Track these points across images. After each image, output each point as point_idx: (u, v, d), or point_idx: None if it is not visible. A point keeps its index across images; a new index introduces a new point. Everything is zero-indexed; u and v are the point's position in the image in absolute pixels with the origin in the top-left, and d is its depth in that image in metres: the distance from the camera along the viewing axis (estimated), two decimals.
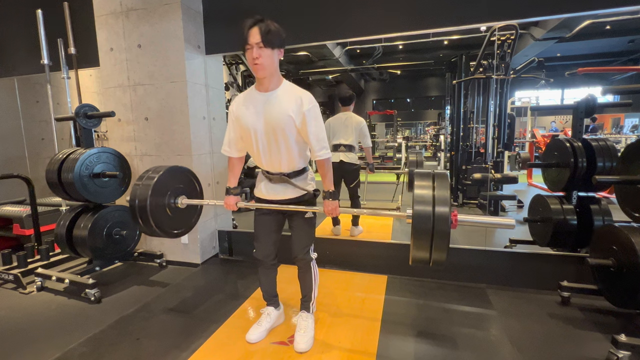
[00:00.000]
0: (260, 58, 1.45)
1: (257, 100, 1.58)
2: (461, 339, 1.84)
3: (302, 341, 1.75)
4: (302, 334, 1.78)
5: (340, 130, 3.39)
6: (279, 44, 1.51)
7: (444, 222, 1.32)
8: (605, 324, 1.93)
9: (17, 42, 3.63)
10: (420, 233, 1.35)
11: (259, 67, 1.47)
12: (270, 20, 1.48)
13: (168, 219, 1.91)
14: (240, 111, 1.61)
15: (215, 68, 3.08)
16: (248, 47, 1.46)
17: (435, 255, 1.37)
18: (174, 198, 1.94)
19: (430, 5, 2.34)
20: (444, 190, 1.37)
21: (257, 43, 1.43)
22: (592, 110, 2.48)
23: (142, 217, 1.81)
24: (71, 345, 1.83)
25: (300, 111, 1.53)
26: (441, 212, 1.33)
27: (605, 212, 2.39)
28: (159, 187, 1.85)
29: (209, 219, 3.04)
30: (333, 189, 1.65)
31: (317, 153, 1.60)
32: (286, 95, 1.55)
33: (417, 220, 1.35)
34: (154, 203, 1.82)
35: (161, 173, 1.87)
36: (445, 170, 1.51)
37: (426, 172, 1.47)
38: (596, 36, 9.19)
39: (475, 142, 4.88)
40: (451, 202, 1.37)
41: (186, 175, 2.06)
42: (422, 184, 1.42)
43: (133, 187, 1.85)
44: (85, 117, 2.57)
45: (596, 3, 2.06)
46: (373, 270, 2.69)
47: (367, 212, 1.73)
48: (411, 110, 18.18)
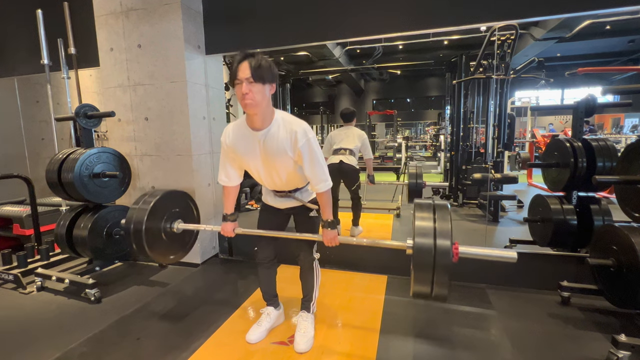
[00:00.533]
0: (250, 94, 1.36)
1: (251, 138, 1.53)
2: (461, 339, 1.84)
3: (302, 341, 1.75)
4: (302, 334, 1.78)
5: (342, 138, 3.42)
6: (270, 79, 1.43)
7: (445, 256, 1.29)
8: (605, 324, 1.93)
9: (17, 42, 3.63)
10: (421, 266, 1.33)
11: (249, 104, 1.39)
12: (262, 55, 1.42)
13: (163, 244, 1.88)
14: (236, 147, 1.58)
15: (215, 68, 3.08)
16: (237, 82, 1.38)
17: (437, 289, 1.34)
18: (170, 222, 1.92)
19: (430, 5, 2.34)
20: (445, 222, 1.35)
21: (246, 78, 1.36)
22: (592, 110, 2.48)
23: (137, 241, 1.77)
24: (71, 345, 1.83)
25: (295, 147, 1.50)
26: (442, 246, 1.30)
27: (605, 212, 2.39)
28: (156, 212, 1.82)
29: (209, 219, 3.04)
30: (332, 218, 1.64)
31: (315, 186, 1.59)
32: (280, 131, 1.49)
33: (417, 254, 1.33)
34: (150, 227, 1.79)
35: (158, 197, 1.84)
36: (446, 201, 1.49)
37: (427, 203, 1.46)
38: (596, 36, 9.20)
39: (475, 142, 4.88)
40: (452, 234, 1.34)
41: (184, 199, 2.04)
42: (422, 215, 1.40)
43: (129, 210, 1.82)
44: (85, 117, 2.57)
45: (596, 3, 2.06)
46: (373, 270, 2.69)
47: (367, 242, 1.68)
48: (411, 110, 18.18)
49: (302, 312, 1.89)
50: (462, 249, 1.39)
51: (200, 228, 1.97)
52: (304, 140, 1.48)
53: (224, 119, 3.28)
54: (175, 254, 1.99)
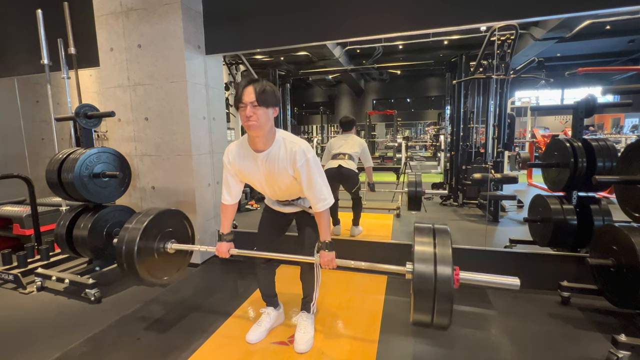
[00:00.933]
0: (254, 116, 1.42)
1: (254, 158, 1.57)
2: (461, 339, 1.84)
3: (302, 341, 1.75)
4: (302, 334, 1.78)
5: (342, 145, 3.42)
6: (274, 103, 1.48)
7: (446, 284, 1.26)
8: (605, 324, 1.93)
9: (17, 42, 3.63)
10: (421, 294, 1.30)
11: (253, 126, 1.44)
12: (266, 80, 1.47)
13: (154, 264, 1.85)
14: (239, 165, 1.62)
15: (215, 68, 3.08)
16: (242, 106, 1.43)
17: (438, 319, 1.31)
18: (164, 243, 1.89)
19: (430, 5, 2.34)
20: (445, 248, 1.33)
21: (251, 102, 1.41)
22: (592, 110, 2.47)
23: (128, 262, 1.73)
24: (71, 345, 1.83)
25: (294, 168, 1.54)
26: (443, 273, 1.27)
27: (605, 212, 2.38)
28: (149, 232, 1.80)
29: (209, 219, 3.04)
30: (330, 239, 1.63)
31: (314, 206, 1.61)
32: (281, 152, 1.53)
33: (417, 280, 1.31)
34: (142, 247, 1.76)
35: (152, 217, 1.81)
36: (446, 225, 1.48)
37: (426, 227, 1.44)
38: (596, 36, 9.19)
39: (475, 142, 4.88)
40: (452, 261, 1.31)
41: (178, 218, 2.02)
42: (422, 240, 1.38)
43: (122, 230, 1.79)
44: (85, 117, 2.57)
45: (596, 3, 2.06)
46: (373, 270, 2.68)
47: (365, 266, 1.65)
48: (411, 110, 18.18)
49: (302, 312, 1.89)
50: (463, 275, 1.36)
51: (194, 249, 1.94)
52: (302, 160, 1.51)
53: (224, 119, 3.28)
54: (169, 275, 1.95)
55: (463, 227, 3.95)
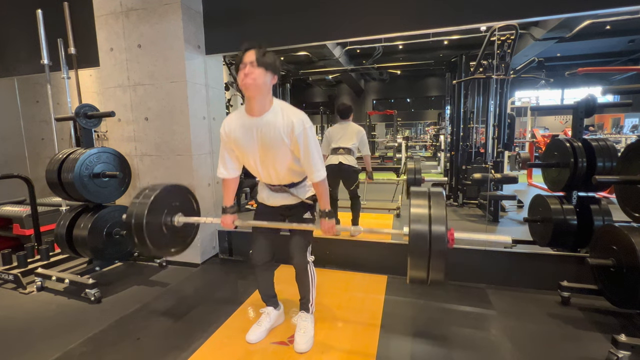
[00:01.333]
0: (252, 75, 1.42)
1: (250, 125, 1.54)
2: (461, 339, 1.84)
3: (302, 341, 1.75)
4: (302, 334, 1.78)
5: (340, 136, 3.40)
6: (273, 69, 1.49)
7: (440, 242, 1.32)
8: (605, 324, 1.93)
9: (17, 42, 3.63)
10: (416, 253, 1.35)
11: (250, 84, 1.43)
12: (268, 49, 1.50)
13: (164, 237, 1.88)
14: (235, 136, 1.60)
15: (215, 68, 3.08)
16: (242, 67, 1.45)
17: (433, 274, 1.37)
18: (171, 216, 1.92)
19: (430, 5, 2.34)
20: (440, 209, 1.37)
21: (251, 62, 1.43)
22: (592, 110, 2.47)
23: (138, 235, 1.78)
24: (71, 345, 1.83)
25: (292, 135, 1.51)
26: (437, 232, 1.33)
27: (605, 212, 2.38)
28: (156, 206, 1.82)
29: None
30: (329, 208, 1.65)
31: (311, 175, 1.60)
32: (277, 119, 1.51)
33: (413, 240, 1.35)
34: (151, 221, 1.79)
35: (158, 191, 1.84)
36: (441, 189, 1.51)
37: (422, 191, 1.48)
38: (596, 36, 9.20)
39: (475, 142, 4.88)
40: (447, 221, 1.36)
41: (184, 193, 2.04)
42: (418, 203, 1.42)
43: (130, 205, 1.82)
44: (85, 117, 2.57)
45: (596, 3, 2.06)
46: (373, 270, 2.69)
47: (364, 230, 1.70)
48: (411, 110, 18.19)
49: (302, 312, 1.89)
50: (458, 235, 1.40)
51: (200, 221, 1.98)
52: (300, 128, 1.50)
53: (224, 118, 3.27)
54: (177, 248, 2.00)
55: (463, 227, 3.95)
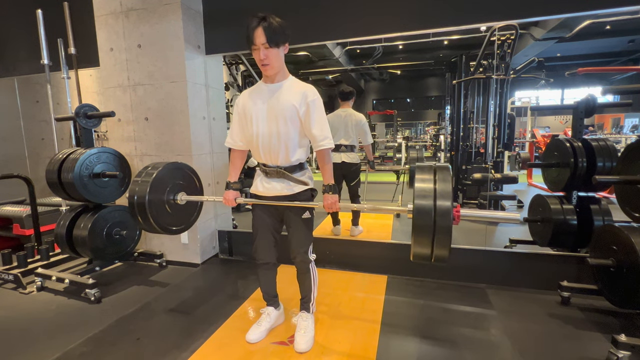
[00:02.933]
0: (268, 59, 1.51)
1: (264, 91, 1.64)
2: (461, 339, 1.84)
3: (302, 341, 1.74)
4: (302, 334, 1.78)
5: (341, 128, 3.39)
6: (284, 40, 1.55)
7: (446, 217, 1.26)
8: (605, 324, 1.93)
9: (17, 42, 3.63)
10: (421, 228, 1.29)
11: (268, 67, 1.54)
12: (273, 16, 1.50)
13: (167, 216, 1.91)
14: (246, 102, 1.67)
15: (215, 68, 3.08)
16: (255, 48, 1.51)
17: (437, 251, 1.31)
18: (174, 194, 1.93)
19: (430, 5, 2.34)
20: (445, 184, 1.31)
21: (263, 44, 1.48)
22: (592, 110, 2.48)
23: (141, 213, 1.80)
24: (71, 345, 1.83)
25: (304, 102, 1.58)
26: (443, 207, 1.27)
27: (605, 212, 2.38)
28: (158, 184, 1.84)
29: (209, 219, 3.04)
30: (333, 182, 1.64)
31: (319, 142, 1.61)
32: (292, 87, 1.62)
33: (417, 215, 1.30)
34: (153, 199, 1.81)
35: (160, 169, 1.86)
36: (447, 164, 1.45)
37: (427, 166, 1.42)
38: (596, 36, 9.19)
39: (475, 142, 4.88)
40: (453, 197, 1.31)
41: (186, 172, 2.06)
42: (423, 177, 1.36)
43: (132, 183, 1.84)
44: (85, 117, 2.57)
45: (596, 3, 2.06)
46: (373, 270, 2.69)
47: (367, 208, 1.73)
48: (411, 110, 18.18)
49: (302, 312, 1.89)
50: (464, 211, 1.35)
51: (203, 199, 1.99)
52: (313, 97, 1.60)
53: (224, 119, 3.28)
54: (180, 226, 2.01)
55: (463, 227, 3.95)
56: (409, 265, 2.37)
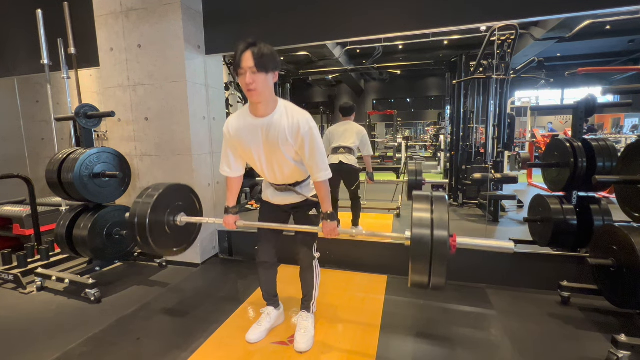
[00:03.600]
0: (255, 83, 1.39)
1: (254, 126, 1.53)
2: (461, 339, 1.84)
3: (303, 341, 1.75)
4: (302, 334, 1.78)
5: (340, 135, 3.41)
6: (273, 67, 1.44)
7: (442, 247, 1.30)
8: (605, 324, 1.93)
9: (17, 42, 3.63)
10: (419, 257, 1.34)
11: (254, 93, 1.42)
12: (264, 43, 1.42)
13: (167, 237, 1.90)
14: (239, 136, 1.58)
15: (215, 68, 3.08)
16: (241, 72, 1.40)
17: (434, 279, 1.35)
18: (173, 215, 1.93)
19: (430, 5, 2.34)
20: (442, 214, 1.36)
21: (250, 67, 1.37)
22: (592, 110, 2.47)
23: (142, 236, 1.79)
24: (71, 345, 1.83)
25: (297, 136, 1.51)
26: (440, 237, 1.31)
27: (605, 212, 2.38)
28: (159, 205, 1.84)
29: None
30: (331, 210, 1.64)
31: (316, 175, 1.59)
32: (283, 119, 1.51)
33: (415, 244, 1.34)
34: (153, 221, 1.80)
35: (161, 191, 1.86)
36: (444, 193, 1.50)
37: (424, 195, 1.47)
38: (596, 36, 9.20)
39: (475, 142, 4.87)
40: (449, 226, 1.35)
41: (186, 193, 2.06)
42: (420, 207, 1.41)
43: (133, 205, 1.84)
44: (85, 117, 2.57)
45: (596, 3, 2.06)
46: (373, 270, 2.69)
47: (366, 234, 1.71)
48: (411, 110, 18.18)
49: (302, 311, 1.89)
50: (460, 240, 1.39)
51: (203, 221, 1.98)
52: (306, 128, 1.50)
53: (224, 119, 3.27)
54: (179, 247, 2.01)
55: (463, 227, 3.95)
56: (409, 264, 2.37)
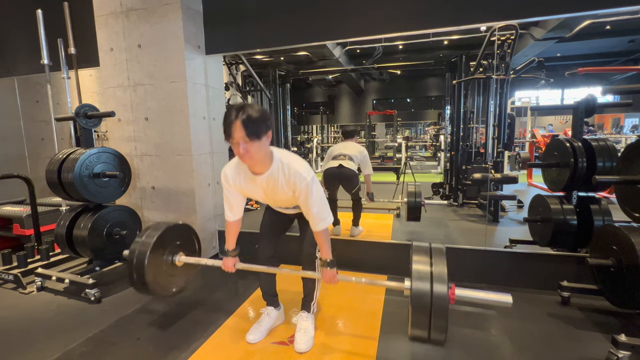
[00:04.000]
0: (248, 153, 1.40)
1: (253, 179, 1.58)
2: (461, 339, 1.84)
3: (303, 341, 1.75)
4: (302, 334, 1.78)
5: (341, 148, 3.44)
6: (265, 130, 1.42)
7: (442, 301, 1.33)
8: (605, 324, 1.93)
9: (17, 42, 3.63)
10: (419, 310, 1.37)
11: (249, 162, 1.47)
12: (252, 106, 1.40)
13: (164, 278, 1.89)
14: (239, 186, 1.64)
15: (215, 68, 3.08)
16: (233, 142, 1.39)
17: (434, 334, 1.38)
18: (172, 255, 1.93)
19: (430, 5, 2.34)
20: (441, 267, 1.41)
21: (242, 138, 1.36)
22: (592, 110, 2.47)
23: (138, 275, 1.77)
24: (71, 345, 1.83)
25: (295, 190, 1.54)
26: (439, 291, 1.35)
27: (605, 212, 2.38)
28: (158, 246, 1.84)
29: (209, 219, 3.04)
30: (331, 258, 1.64)
31: (314, 226, 1.61)
32: (280, 176, 1.53)
33: (415, 297, 1.37)
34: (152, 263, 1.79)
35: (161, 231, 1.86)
36: (442, 245, 1.49)
37: (424, 247, 1.52)
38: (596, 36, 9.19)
39: (475, 142, 4.88)
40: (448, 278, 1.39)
41: (186, 232, 2.05)
42: (420, 259, 1.46)
43: (133, 243, 1.83)
44: (85, 117, 2.57)
45: (596, 3, 2.06)
46: (373, 270, 2.69)
47: (365, 282, 1.68)
48: (411, 110, 18.17)
49: (303, 311, 1.90)
50: (459, 292, 1.42)
51: (201, 262, 1.96)
52: (303, 184, 1.51)
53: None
54: (177, 286, 1.99)
55: (463, 227, 3.95)
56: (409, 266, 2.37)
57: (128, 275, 1.79)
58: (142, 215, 3.01)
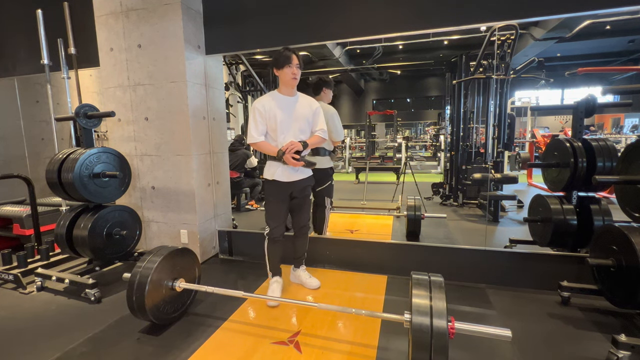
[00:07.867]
0: (298, 75, 2.11)
1: (288, 102, 2.15)
2: (461, 339, 1.84)
3: (313, 281, 2.33)
4: (309, 279, 2.35)
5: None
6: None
7: (441, 337, 1.34)
8: (605, 324, 1.93)
9: (17, 42, 3.63)
10: (419, 346, 1.37)
11: (295, 82, 2.12)
12: None
13: (163, 303, 1.93)
14: (274, 111, 2.10)
15: (215, 68, 3.08)
16: (289, 66, 2.05)
17: None
18: (172, 281, 1.97)
19: (430, 5, 2.34)
20: (440, 302, 1.42)
21: (297, 65, 2.08)
22: (592, 110, 2.48)
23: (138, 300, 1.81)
24: (71, 345, 1.83)
25: (312, 111, 2.22)
26: (439, 327, 1.35)
27: (605, 212, 2.38)
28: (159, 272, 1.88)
29: (209, 219, 3.04)
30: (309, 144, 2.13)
31: (317, 131, 2.20)
32: (304, 100, 2.21)
33: (415, 333, 1.38)
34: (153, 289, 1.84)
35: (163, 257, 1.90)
36: (441, 278, 1.53)
37: (423, 280, 1.54)
38: (596, 36, 9.20)
39: (475, 142, 4.88)
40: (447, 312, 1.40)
41: (186, 257, 2.10)
42: (419, 293, 1.48)
43: (134, 269, 1.87)
44: (85, 117, 2.56)
45: (596, 3, 2.06)
46: (373, 270, 2.69)
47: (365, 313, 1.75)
48: (411, 110, 18.19)
49: (301, 267, 2.42)
50: (458, 326, 1.43)
51: (201, 289, 2.00)
52: (316, 104, 2.26)
53: (224, 119, 3.28)
54: (175, 313, 2.02)
55: (463, 227, 3.95)
56: (409, 265, 2.37)
57: (127, 301, 1.84)
58: (142, 215, 3.01)
